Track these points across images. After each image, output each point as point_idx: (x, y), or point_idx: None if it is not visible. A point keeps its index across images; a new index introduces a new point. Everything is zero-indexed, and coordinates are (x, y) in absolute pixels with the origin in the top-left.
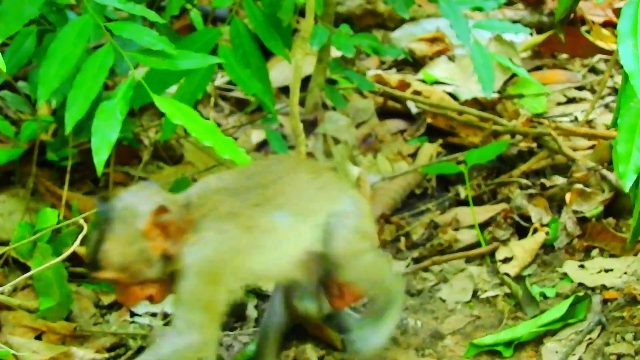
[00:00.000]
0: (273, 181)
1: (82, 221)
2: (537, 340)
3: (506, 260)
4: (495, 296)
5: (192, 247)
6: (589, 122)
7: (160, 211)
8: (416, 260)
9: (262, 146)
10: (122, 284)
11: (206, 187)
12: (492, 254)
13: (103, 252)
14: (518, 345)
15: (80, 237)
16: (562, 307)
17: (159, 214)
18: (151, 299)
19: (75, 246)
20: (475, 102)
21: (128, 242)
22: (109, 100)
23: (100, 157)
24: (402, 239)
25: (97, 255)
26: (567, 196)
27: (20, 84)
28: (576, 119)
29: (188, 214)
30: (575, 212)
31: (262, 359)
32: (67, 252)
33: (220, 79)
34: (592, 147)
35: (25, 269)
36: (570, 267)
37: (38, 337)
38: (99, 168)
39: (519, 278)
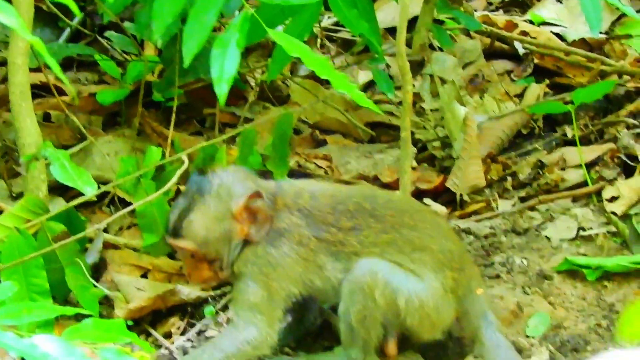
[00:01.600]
0: (382, 228)
1: (184, 157)
2: None
3: (613, 199)
4: (600, 234)
5: (265, 243)
6: None
7: (255, 196)
8: (522, 200)
9: (368, 86)
10: (195, 258)
11: (304, 185)
12: (598, 193)
13: (189, 221)
14: (623, 281)
15: (180, 171)
16: None
17: (253, 199)
18: (211, 280)
19: (176, 179)
20: (583, 43)
21: (216, 219)
22: (226, 32)
23: (221, 89)
24: (509, 178)
25: (181, 223)
26: None
27: (126, 25)
28: None
29: (275, 205)
30: None
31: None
32: (168, 185)
33: (327, 20)
34: None
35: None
36: None
37: (144, 276)
38: (221, 100)
39: (626, 217)
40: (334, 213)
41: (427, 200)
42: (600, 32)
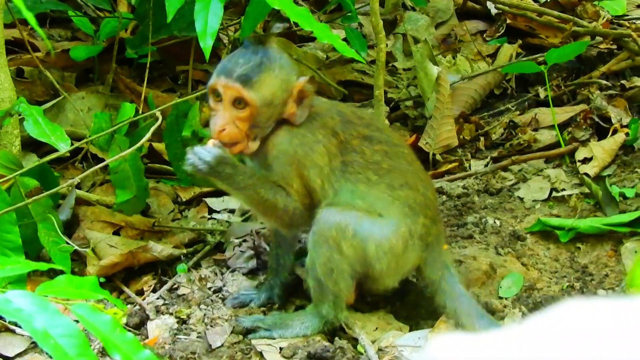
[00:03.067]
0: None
1: (158, 114)
2: (616, 240)
3: (586, 160)
4: (573, 195)
5: (290, 136)
6: None
7: (312, 81)
8: (495, 160)
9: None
10: (245, 114)
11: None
12: (571, 154)
13: (261, 77)
14: (597, 243)
15: (154, 127)
16: (630, 215)
17: (310, 82)
18: (239, 143)
19: (149, 135)
20: (555, 4)
21: (280, 87)
22: None
23: (206, 43)
24: (482, 138)
25: (254, 75)
26: None
27: None
28: None
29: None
30: None
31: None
32: (142, 141)
33: None
34: None
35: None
36: None
37: (116, 233)
38: (207, 52)
39: (599, 178)
40: (354, 127)
41: None
42: None
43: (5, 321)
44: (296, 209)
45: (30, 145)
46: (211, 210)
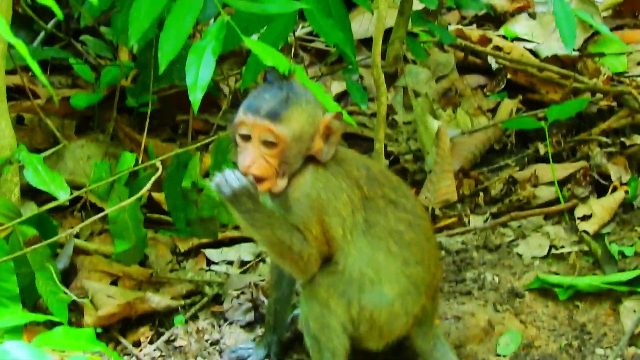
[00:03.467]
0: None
1: (158, 164)
2: (615, 298)
3: (585, 217)
4: (572, 253)
5: (314, 179)
6: None
7: (339, 117)
8: (494, 216)
9: (341, 97)
10: (275, 150)
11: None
12: (570, 211)
13: (290, 112)
14: (595, 301)
15: (154, 178)
16: (629, 274)
17: (337, 118)
18: (269, 179)
19: (149, 185)
20: (556, 60)
21: (307, 121)
22: (202, 39)
23: (195, 96)
24: (481, 193)
25: (282, 111)
26: None
27: (102, 29)
28: None
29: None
30: None
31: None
32: (142, 191)
33: (301, 30)
34: None
35: None
36: None
37: (114, 283)
38: (195, 106)
39: (598, 236)
40: (380, 186)
41: None
42: (574, 50)
43: None
44: (312, 255)
45: (30, 193)
46: (209, 262)
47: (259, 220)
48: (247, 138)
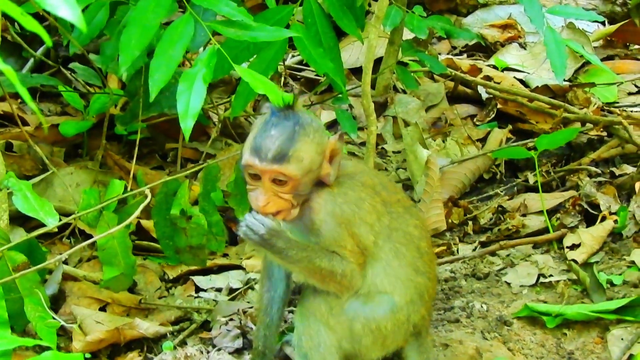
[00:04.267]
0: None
1: (147, 191)
2: (603, 327)
3: (574, 247)
4: (561, 281)
5: (332, 196)
6: None
7: (342, 137)
8: (483, 244)
9: (331, 126)
10: (287, 187)
11: (346, 157)
12: (559, 240)
13: (296, 149)
14: (583, 329)
15: (143, 205)
16: (617, 303)
17: (342, 139)
18: (285, 212)
19: (138, 213)
20: (546, 90)
21: (316, 151)
22: (193, 67)
23: (186, 124)
24: (470, 222)
25: (289, 150)
26: (637, 185)
27: (91, 57)
28: None
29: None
30: None
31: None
32: (131, 218)
33: (291, 59)
34: None
35: None
36: (638, 255)
37: (102, 309)
38: (186, 134)
39: (586, 265)
40: (394, 194)
41: None
42: (564, 80)
43: None
44: (354, 270)
45: (19, 219)
46: (198, 289)
47: (294, 256)
48: (256, 177)
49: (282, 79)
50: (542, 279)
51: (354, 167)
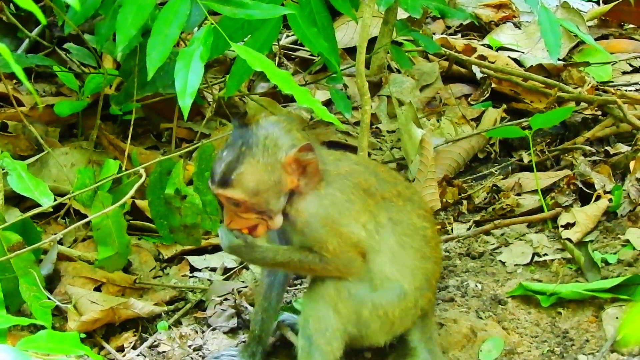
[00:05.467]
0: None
1: (142, 171)
2: (598, 306)
3: (568, 226)
4: (555, 260)
5: (319, 198)
6: None
7: (306, 149)
8: (478, 224)
9: (325, 106)
10: (241, 208)
11: (343, 155)
12: (554, 219)
13: (239, 173)
14: (578, 308)
15: (137, 185)
16: (612, 281)
17: (303, 151)
18: (253, 230)
19: (133, 192)
20: (541, 69)
21: (266, 170)
22: (190, 46)
23: (185, 102)
24: (464, 202)
25: (232, 174)
26: (631, 164)
27: (86, 37)
28: None
29: (323, 163)
30: (639, 180)
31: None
32: (125, 198)
33: (285, 39)
34: None
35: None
36: (632, 234)
37: (97, 289)
38: (185, 112)
39: (581, 244)
40: (394, 186)
41: None
42: (559, 59)
43: None
44: (338, 265)
45: (13, 199)
46: (193, 268)
47: (267, 260)
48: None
49: (277, 58)
50: (536, 258)
51: (352, 167)
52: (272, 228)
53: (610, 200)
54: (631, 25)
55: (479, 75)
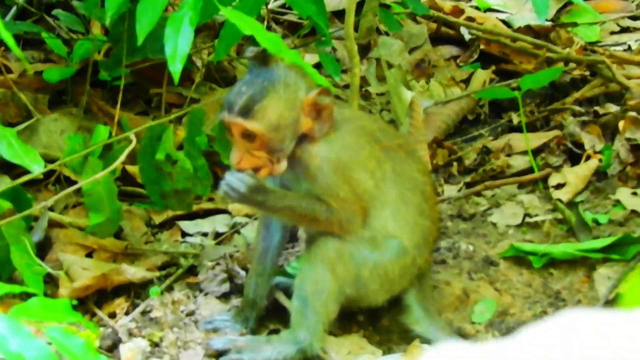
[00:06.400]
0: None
1: (132, 136)
2: (590, 266)
3: (559, 186)
4: (547, 221)
5: (330, 143)
6: None
7: (324, 92)
8: (468, 185)
9: (315, 69)
10: (256, 144)
11: (343, 104)
12: (544, 180)
13: (262, 105)
14: (570, 269)
15: (128, 150)
16: (603, 241)
17: (322, 95)
18: (258, 170)
19: (123, 158)
20: (529, 30)
21: (287, 107)
22: (179, 11)
23: (175, 67)
24: (455, 163)
25: (255, 105)
26: (621, 124)
27: (74, 3)
28: (629, 48)
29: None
30: (628, 139)
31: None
32: (115, 163)
33: (273, 3)
34: None
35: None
36: (623, 194)
37: (89, 255)
38: (175, 77)
39: (572, 204)
40: (395, 138)
41: None
42: (547, 20)
43: None
44: (342, 219)
45: (3, 167)
46: (184, 234)
47: (274, 206)
48: (231, 133)
49: (265, 22)
50: (527, 219)
51: (354, 112)
52: (275, 173)
53: (600, 160)
54: None
55: (467, 36)
